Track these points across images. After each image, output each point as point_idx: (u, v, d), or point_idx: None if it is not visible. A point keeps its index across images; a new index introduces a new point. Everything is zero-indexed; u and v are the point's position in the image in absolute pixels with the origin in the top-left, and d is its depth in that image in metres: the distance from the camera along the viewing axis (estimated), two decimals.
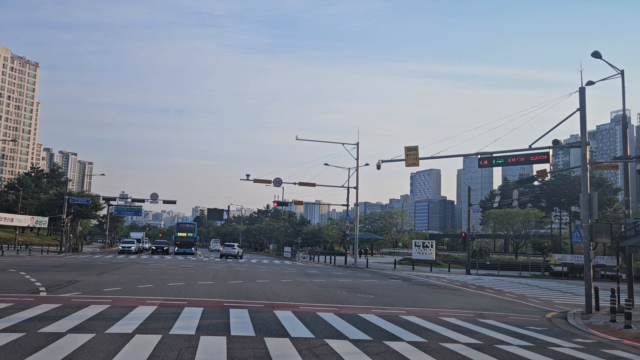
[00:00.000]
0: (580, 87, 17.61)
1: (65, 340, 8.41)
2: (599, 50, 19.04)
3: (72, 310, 11.69)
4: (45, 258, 38.67)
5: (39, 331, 9.10)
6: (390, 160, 25.69)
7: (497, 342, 10.44)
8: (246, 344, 8.85)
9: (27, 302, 12.76)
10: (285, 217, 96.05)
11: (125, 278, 21.56)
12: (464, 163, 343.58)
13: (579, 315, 16.00)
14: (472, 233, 47.16)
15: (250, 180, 47.19)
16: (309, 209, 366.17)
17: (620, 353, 9.93)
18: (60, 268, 26.58)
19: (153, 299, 14.65)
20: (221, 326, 10.51)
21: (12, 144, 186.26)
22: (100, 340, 8.58)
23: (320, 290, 20.03)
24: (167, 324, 10.43)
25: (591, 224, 16.86)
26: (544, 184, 66.25)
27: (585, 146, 17.08)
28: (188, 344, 8.57)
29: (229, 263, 40.48)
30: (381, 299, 18.24)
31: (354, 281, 26.36)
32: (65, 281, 18.91)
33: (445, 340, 10.29)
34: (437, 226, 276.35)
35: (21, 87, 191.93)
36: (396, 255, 72.73)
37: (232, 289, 18.61)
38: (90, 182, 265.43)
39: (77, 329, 9.50)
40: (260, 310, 13.34)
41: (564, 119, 17.59)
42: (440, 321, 13.02)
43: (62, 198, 59.53)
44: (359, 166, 46.99)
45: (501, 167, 25.09)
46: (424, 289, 23.67)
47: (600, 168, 20.03)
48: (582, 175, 17.18)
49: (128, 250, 55.54)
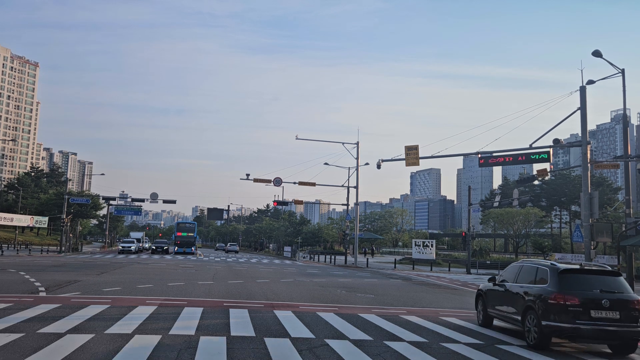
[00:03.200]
0: (581, 86, 17.57)
1: (64, 341, 8.37)
2: (599, 49, 19.02)
3: (72, 311, 11.65)
4: (45, 258, 38.62)
5: (38, 331, 9.06)
6: (391, 160, 25.64)
7: (498, 342, 10.40)
8: (246, 344, 8.81)
9: (26, 302, 12.72)
10: (285, 217, 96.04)
11: (125, 278, 21.52)
12: (464, 163, 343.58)
13: None
14: (472, 232, 47.10)
15: (250, 179, 47.16)
16: (309, 209, 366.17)
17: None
18: (60, 268, 26.54)
19: (153, 299, 14.61)
20: (221, 326, 10.48)
21: (11, 144, 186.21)
22: (100, 340, 8.54)
23: (320, 290, 19.99)
24: (166, 324, 10.39)
25: (592, 223, 16.82)
26: (544, 184, 66.24)
27: (586, 145, 17.04)
28: (188, 344, 8.53)
29: (229, 263, 40.44)
30: (381, 298, 18.19)
31: (354, 281, 26.32)
32: (64, 281, 18.87)
33: (446, 340, 10.25)
34: (437, 226, 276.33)
35: (21, 86, 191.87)
36: (396, 254, 72.65)
37: (232, 289, 18.57)
38: (90, 181, 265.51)
39: (77, 329, 9.47)
40: (260, 310, 13.30)
41: (565, 117, 17.55)
42: (441, 321, 12.97)
43: (62, 198, 59.52)
44: (359, 165, 46.97)
45: (502, 166, 24.91)
46: (425, 289, 23.62)
47: (601, 167, 19.99)
48: (583, 175, 17.14)
49: (128, 250, 55.49)
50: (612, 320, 9.22)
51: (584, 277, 9.89)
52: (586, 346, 10.39)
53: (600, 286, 9.60)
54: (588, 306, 9.27)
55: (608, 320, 9.22)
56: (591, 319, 9.21)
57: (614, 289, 9.59)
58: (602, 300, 9.28)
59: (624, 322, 9.24)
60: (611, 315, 9.25)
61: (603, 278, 9.83)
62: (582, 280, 9.79)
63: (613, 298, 9.36)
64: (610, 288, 9.59)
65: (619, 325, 9.21)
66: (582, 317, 9.24)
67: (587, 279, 9.85)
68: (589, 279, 9.83)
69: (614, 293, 9.48)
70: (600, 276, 9.90)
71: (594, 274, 9.98)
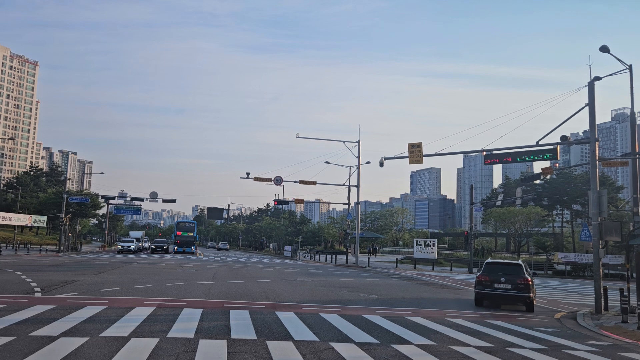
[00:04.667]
0: (589, 81, 17.17)
1: (56, 345, 7.98)
2: (607, 45, 18.59)
3: (67, 312, 11.26)
4: (43, 257, 38.23)
5: (29, 335, 8.66)
6: (394, 157, 25.23)
7: (508, 344, 10.02)
8: (247, 347, 8.42)
9: (20, 304, 12.33)
10: (285, 216, 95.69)
11: (123, 278, 21.14)
12: (464, 162, 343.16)
13: (589, 315, 15.58)
14: (474, 232, 46.72)
15: (251, 178, 46.77)
16: (309, 208, 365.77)
17: (638, 357, 9.50)
18: (58, 268, 26.16)
19: (151, 300, 14.23)
20: (221, 328, 10.09)
21: (11, 143, 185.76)
22: (94, 344, 8.15)
23: (322, 290, 19.62)
24: (164, 327, 10.01)
25: (600, 222, 16.43)
26: (546, 182, 65.80)
27: (595, 142, 16.64)
28: (186, 348, 8.14)
29: (229, 262, 40.05)
30: (385, 299, 17.83)
31: (356, 280, 25.95)
32: (61, 281, 18.48)
33: (454, 343, 9.87)
34: (437, 225, 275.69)
35: (20, 85, 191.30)
36: (397, 254, 72.20)
37: (232, 289, 18.19)
38: (90, 181, 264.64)
39: (70, 332, 9.08)
40: (262, 311, 12.92)
41: (573, 114, 17.15)
42: (448, 322, 12.60)
43: (61, 197, 59.10)
44: (360, 164, 46.57)
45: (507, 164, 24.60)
46: (428, 289, 23.25)
47: (609, 165, 19.60)
48: (592, 172, 16.75)
49: (127, 250, 55.07)
50: (506, 290, 16.12)
51: (497, 266, 16.88)
52: (514, 308, 16.61)
53: (504, 271, 16.43)
54: (493, 282, 16.29)
55: (504, 290, 16.15)
56: (494, 289, 16.27)
57: (512, 272, 16.28)
58: (501, 278, 16.18)
59: (515, 290, 15.99)
60: (505, 286, 16.11)
61: (508, 267, 16.76)
62: (495, 267, 16.74)
63: (508, 277, 16.13)
64: (510, 272, 16.32)
65: (511, 292, 16.05)
66: (490, 288, 16.37)
67: (498, 267, 16.81)
68: (499, 267, 16.80)
69: (510, 275, 16.17)
70: (507, 266, 16.90)
71: (503, 265, 17.14)
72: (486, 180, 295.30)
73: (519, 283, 15.91)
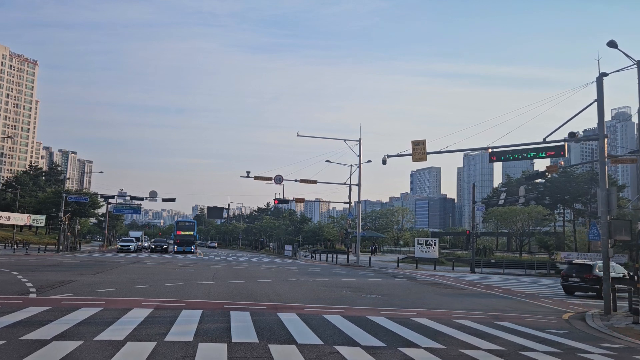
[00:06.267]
0: (598, 76, 16.78)
1: (48, 349, 7.60)
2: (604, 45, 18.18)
3: (61, 314, 10.88)
4: (42, 257, 37.84)
5: (20, 338, 8.27)
6: (397, 155, 24.83)
7: (520, 347, 9.64)
8: (249, 352, 8.04)
9: (13, 305, 11.94)
10: (285, 215, 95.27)
11: (121, 278, 20.76)
12: (464, 161, 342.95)
13: (598, 316, 15.20)
14: (476, 231, 46.34)
15: (251, 177, 46.37)
16: (309, 207, 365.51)
17: None
18: (55, 267, 25.77)
19: (149, 301, 13.85)
20: (221, 331, 9.71)
21: (10, 142, 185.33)
22: (88, 349, 7.76)
23: (324, 290, 19.25)
24: (162, 329, 9.63)
25: (609, 220, 16.04)
26: (548, 181, 65.41)
27: (604, 139, 16.25)
28: (185, 353, 7.76)
29: (229, 262, 39.68)
30: (388, 299, 17.45)
31: (358, 280, 25.58)
32: (58, 281, 18.09)
33: (464, 346, 9.49)
34: (438, 224, 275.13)
35: (20, 85, 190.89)
36: (398, 253, 71.78)
37: (232, 289, 17.81)
38: (90, 180, 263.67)
39: (64, 335, 8.69)
40: (263, 312, 12.53)
41: (582, 109, 16.77)
42: (455, 324, 12.22)
43: (60, 196, 58.70)
44: (361, 163, 46.20)
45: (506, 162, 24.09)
46: (431, 289, 22.88)
47: (617, 162, 19.24)
48: (600, 170, 16.37)
49: (127, 249, 54.68)
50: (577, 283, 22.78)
51: (574, 265, 23.58)
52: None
53: (577, 269, 22.92)
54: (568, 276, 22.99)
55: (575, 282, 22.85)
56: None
57: (584, 271, 22.56)
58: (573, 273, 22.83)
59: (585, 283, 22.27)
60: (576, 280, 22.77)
61: (581, 267, 22.97)
62: (573, 266, 23.50)
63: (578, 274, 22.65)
64: (582, 270, 22.59)
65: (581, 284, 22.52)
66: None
67: (575, 266, 23.32)
68: (575, 266, 23.27)
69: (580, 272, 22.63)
70: (580, 266, 23.13)
71: (579, 265, 23.35)
72: (486, 179, 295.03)
73: (588, 278, 21.94)
